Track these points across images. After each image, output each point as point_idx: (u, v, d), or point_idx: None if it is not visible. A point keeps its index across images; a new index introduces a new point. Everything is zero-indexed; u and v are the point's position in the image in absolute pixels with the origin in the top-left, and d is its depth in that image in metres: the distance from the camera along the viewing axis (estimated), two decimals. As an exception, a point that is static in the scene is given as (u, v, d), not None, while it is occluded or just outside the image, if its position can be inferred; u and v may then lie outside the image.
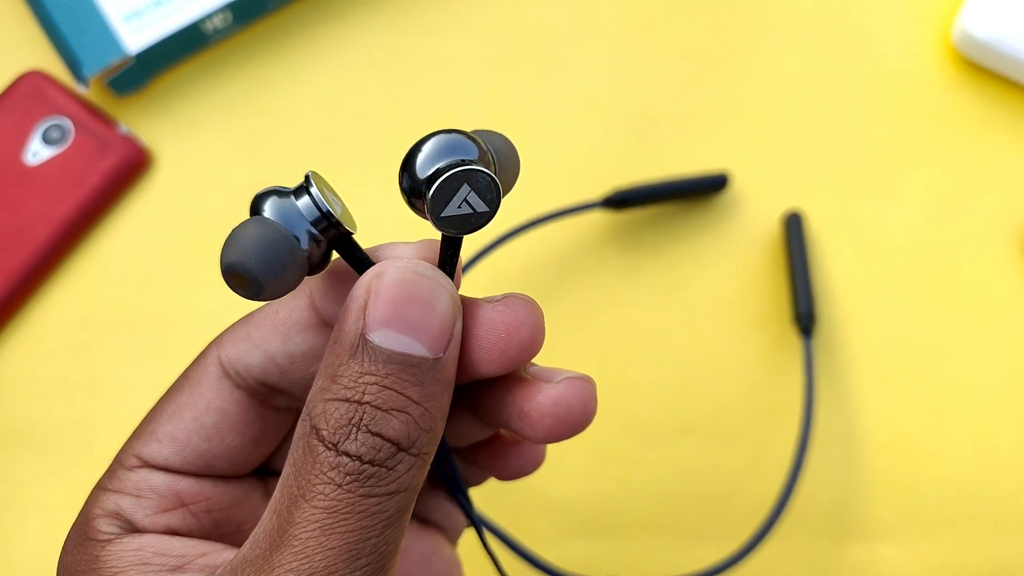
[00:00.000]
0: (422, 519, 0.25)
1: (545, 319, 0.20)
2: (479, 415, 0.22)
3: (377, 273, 0.18)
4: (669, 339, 0.39)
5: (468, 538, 0.28)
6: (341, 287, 0.20)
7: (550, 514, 0.38)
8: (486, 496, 0.37)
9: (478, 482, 0.25)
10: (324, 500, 0.17)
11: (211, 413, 0.21)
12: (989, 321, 0.39)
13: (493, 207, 0.18)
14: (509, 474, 0.24)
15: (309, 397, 0.18)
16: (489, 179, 0.18)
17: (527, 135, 0.41)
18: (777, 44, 0.41)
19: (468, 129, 0.19)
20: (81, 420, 0.38)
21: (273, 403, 0.22)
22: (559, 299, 0.39)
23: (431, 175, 0.18)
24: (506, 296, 0.20)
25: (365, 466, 0.17)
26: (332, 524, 0.17)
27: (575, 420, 0.20)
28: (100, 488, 0.21)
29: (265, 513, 0.18)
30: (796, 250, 0.38)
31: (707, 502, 0.38)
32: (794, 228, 0.39)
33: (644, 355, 0.39)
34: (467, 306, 0.20)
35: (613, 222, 0.40)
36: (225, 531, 0.21)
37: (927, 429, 0.39)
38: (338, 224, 0.19)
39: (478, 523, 0.25)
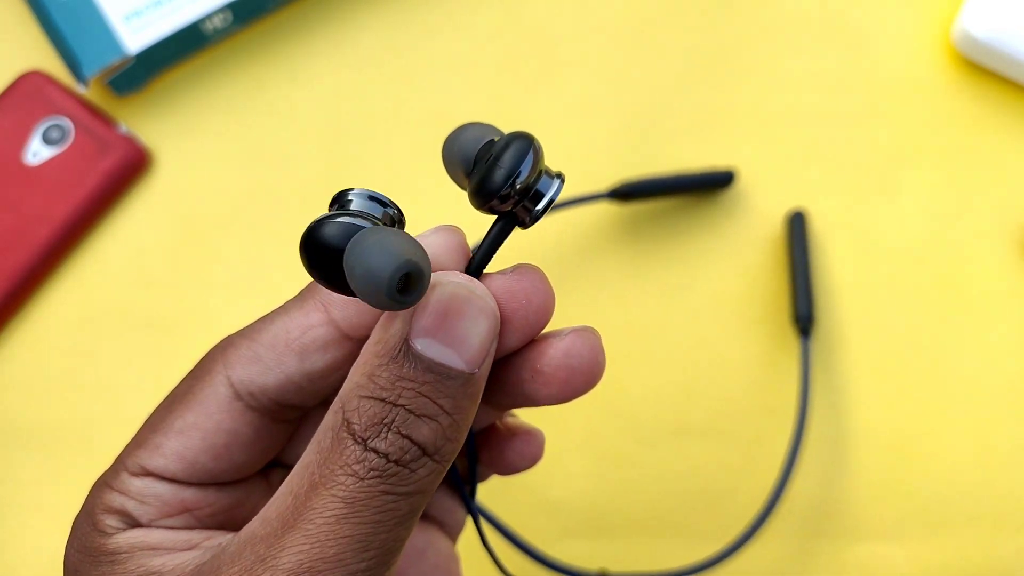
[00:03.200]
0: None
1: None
2: (487, 394, 0.22)
3: (431, 285, 0.18)
4: (670, 338, 0.39)
5: (473, 537, 0.28)
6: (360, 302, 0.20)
7: (550, 514, 0.38)
8: (487, 495, 0.37)
9: (480, 480, 0.26)
10: (343, 491, 0.18)
11: (222, 434, 0.21)
12: (989, 321, 0.39)
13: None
14: (506, 468, 0.24)
15: (342, 391, 0.19)
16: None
17: (534, 129, 0.40)
18: (779, 44, 0.41)
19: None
20: (81, 420, 0.38)
21: (284, 417, 0.22)
22: (562, 293, 0.39)
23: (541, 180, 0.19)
24: (517, 266, 0.20)
25: (390, 465, 0.18)
26: (347, 514, 0.17)
27: (587, 369, 0.21)
28: (105, 485, 0.21)
29: (278, 493, 0.19)
30: (798, 249, 0.39)
31: (707, 502, 0.38)
32: (797, 227, 0.39)
33: (644, 354, 0.39)
34: (486, 281, 0.20)
35: (618, 214, 0.40)
36: (228, 528, 0.22)
37: (926, 429, 0.39)
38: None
39: (475, 512, 0.25)
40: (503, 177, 0.19)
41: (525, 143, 0.19)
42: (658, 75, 0.41)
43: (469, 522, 0.28)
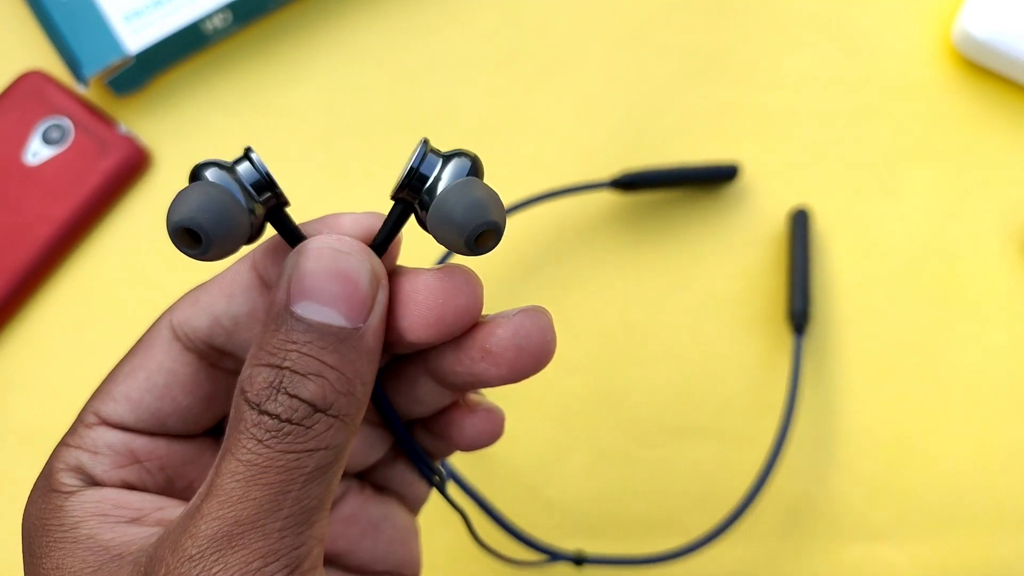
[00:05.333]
0: (378, 487, 0.26)
1: (544, 303, 0.21)
2: (439, 376, 0.22)
3: (300, 249, 0.20)
4: (667, 334, 0.39)
5: (453, 520, 0.28)
6: (281, 252, 0.21)
7: (549, 514, 0.38)
8: (486, 492, 0.37)
9: (443, 455, 0.26)
10: (247, 454, 0.18)
11: (162, 373, 0.22)
12: (988, 321, 0.39)
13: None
14: (467, 444, 0.24)
15: (244, 366, 0.20)
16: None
17: (536, 121, 0.40)
18: (782, 42, 0.41)
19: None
20: (81, 420, 0.38)
21: (222, 365, 0.23)
22: (560, 281, 0.39)
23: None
24: (446, 265, 0.21)
25: (283, 424, 0.18)
26: (253, 476, 0.18)
27: (536, 348, 0.21)
28: (63, 444, 0.22)
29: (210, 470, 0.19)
30: (799, 247, 0.39)
31: (704, 500, 0.38)
32: (799, 224, 0.39)
33: (641, 350, 0.39)
34: (408, 274, 0.21)
35: (620, 204, 0.40)
36: (179, 487, 0.23)
37: (923, 429, 0.39)
38: (278, 192, 0.20)
39: (439, 485, 0.25)
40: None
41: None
42: (662, 72, 0.41)
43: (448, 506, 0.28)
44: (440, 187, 0.19)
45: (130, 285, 0.39)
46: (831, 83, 0.41)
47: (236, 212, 0.19)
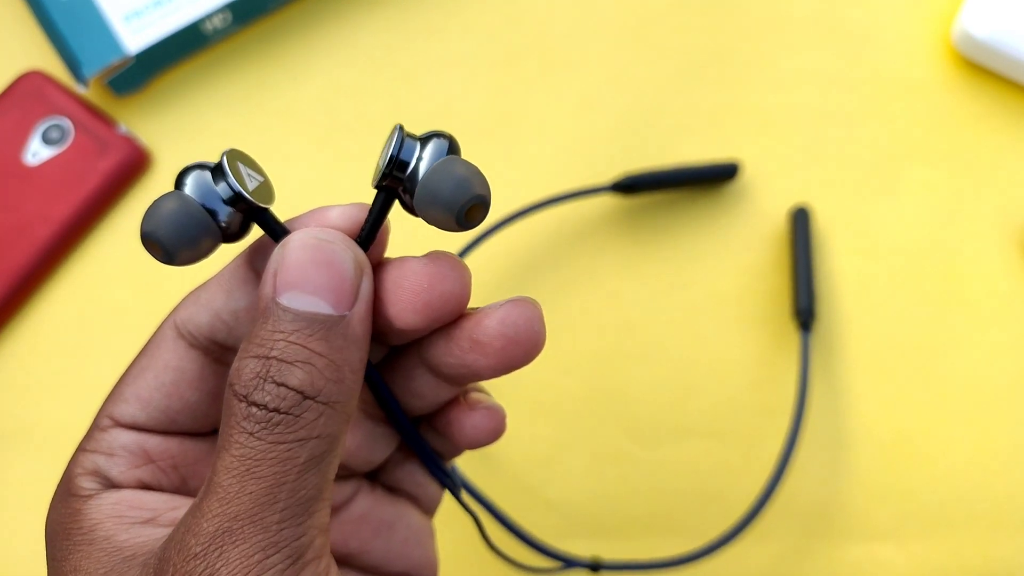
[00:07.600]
0: (390, 488, 0.26)
1: (547, 307, 0.21)
2: (434, 367, 0.23)
3: (284, 242, 0.20)
4: (670, 333, 0.39)
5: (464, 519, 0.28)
6: (271, 246, 0.21)
7: (550, 514, 0.38)
8: (488, 491, 0.37)
9: (450, 456, 0.26)
10: (239, 448, 0.18)
11: (169, 371, 0.22)
12: (988, 320, 0.39)
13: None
14: (469, 442, 0.24)
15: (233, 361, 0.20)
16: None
17: (537, 120, 0.41)
18: (782, 42, 0.41)
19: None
20: (81, 420, 0.38)
21: (226, 360, 0.23)
22: (563, 286, 0.39)
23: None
24: (430, 252, 0.21)
25: (272, 414, 0.18)
26: (248, 470, 0.18)
27: (523, 338, 0.21)
28: (80, 449, 0.22)
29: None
30: (801, 245, 0.39)
31: (706, 501, 0.38)
32: (800, 223, 0.39)
33: (645, 349, 0.39)
34: (395, 261, 0.21)
35: (621, 207, 0.40)
36: (192, 486, 0.23)
37: (925, 428, 0.39)
38: (249, 201, 0.20)
39: (448, 484, 0.25)
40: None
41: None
42: (662, 71, 0.41)
43: (461, 509, 0.28)
44: (422, 170, 0.20)
45: (130, 285, 0.39)
46: (831, 82, 0.41)
47: (197, 226, 0.20)
